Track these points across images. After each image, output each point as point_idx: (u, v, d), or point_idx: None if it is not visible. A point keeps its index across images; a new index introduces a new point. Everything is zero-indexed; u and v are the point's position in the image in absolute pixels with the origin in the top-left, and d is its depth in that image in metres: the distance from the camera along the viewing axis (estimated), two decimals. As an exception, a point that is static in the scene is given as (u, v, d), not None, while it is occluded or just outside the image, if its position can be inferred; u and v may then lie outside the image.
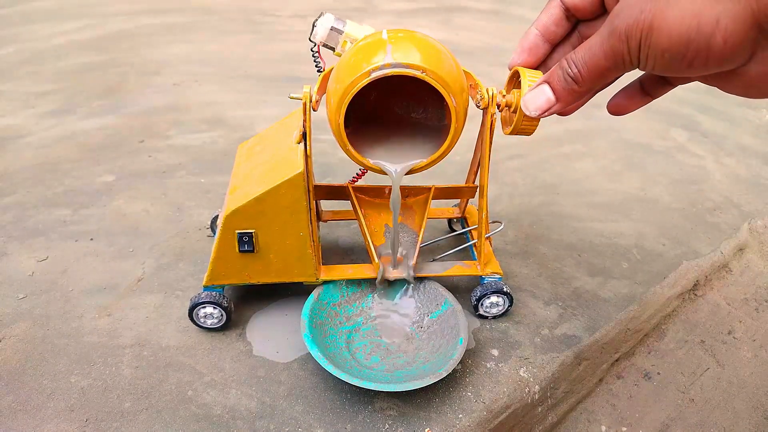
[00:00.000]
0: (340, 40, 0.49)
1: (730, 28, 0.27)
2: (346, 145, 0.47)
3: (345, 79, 0.44)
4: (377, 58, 0.43)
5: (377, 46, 0.44)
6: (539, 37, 0.42)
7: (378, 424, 0.46)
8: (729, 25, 0.27)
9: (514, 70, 0.46)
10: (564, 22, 0.40)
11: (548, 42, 0.42)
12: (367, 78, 0.43)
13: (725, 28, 0.27)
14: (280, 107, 1.05)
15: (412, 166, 0.50)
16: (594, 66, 0.33)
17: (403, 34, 0.45)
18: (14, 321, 0.55)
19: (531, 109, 0.39)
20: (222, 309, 0.52)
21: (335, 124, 0.46)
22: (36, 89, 1.11)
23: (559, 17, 0.40)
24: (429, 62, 0.43)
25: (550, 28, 0.41)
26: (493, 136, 0.50)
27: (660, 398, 0.60)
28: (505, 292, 0.55)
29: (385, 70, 0.42)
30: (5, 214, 0.71)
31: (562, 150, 0.96)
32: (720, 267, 0.74)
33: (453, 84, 0.44)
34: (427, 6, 1.83)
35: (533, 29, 0.42)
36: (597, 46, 0.33)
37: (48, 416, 0.46)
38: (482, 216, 0.54)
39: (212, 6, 1.72)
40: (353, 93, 0.44)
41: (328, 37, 0.49)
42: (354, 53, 0.45)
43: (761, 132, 1.10)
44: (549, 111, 0.38)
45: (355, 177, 0.59)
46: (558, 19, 0.40)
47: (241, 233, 0.49)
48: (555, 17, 0.40)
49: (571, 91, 0.36)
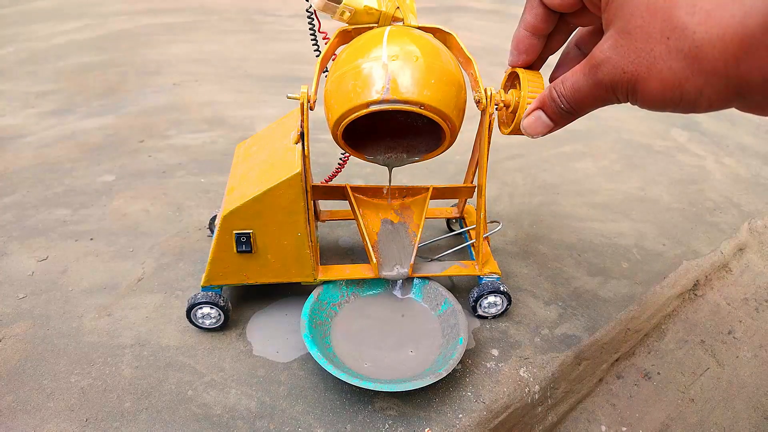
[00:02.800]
0: (337, 11, 0.48)
1: (714, 98, 0.28)
2: (344, 148, 0.50)
3: (343, 103, 0.45)
4: (376, 87, 0.44)
5: (377, 68, 0.44)
6: (530, 36, 0.42)
7: (378, 424, 0.46)
8: (713, 96, 0.28)
9: (511, 71, 0.46)
10: (549, 17, 0.40)
11: (540, 37, 0.42)
12: (366, 110, 0.44)
13: (708, 99, 0.28)
14: (280, 107, 1.05)
15: (408, 162, 0.52)
16: (581, 102, 0.35)
17: (402, 54, 0.44)
18: (14, 321, 0.55)
19: (532, 134, 0.40)
20: (219, 309, 0.52)
21: (334, 135, 0.48)
22: (36, 89, 1.11)
23: (543, 15, 0.40)
24: (428, 90, 0.44)
25: (537, 26, 0.41)
26: (492, 136, 0.50)
27: (660, 398, 0.60)
28: (503, 291, 0.55)
29: (383, 105, 0.44)
30: (5, 214, 0.71)
31: (563, 150, 0.96)
32: (720, 267, 0.74)
33: (450, 109, 0.46)
34: (427, 6, 1.83)
35: (522, 30, 0.42)
36: (584, 87, 0.34)
37: (48, 416, 0.46)
38: (480, 216, 0.54)
39: (212, 6, 1.72)
40: (350, 119, 0.45)
41: (325, 7, 0.49)
42: (353, 75, 0.45)
43: (761, 132, 1.10)
44: (550, 131, 0.40)
45: (333, 173, 0.60)
46: (543, 16, 0.40)
47: (239, 234, 0.49)
48: (539, 15, 0.40)
49: (564, 114, 0.37)
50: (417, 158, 0.52)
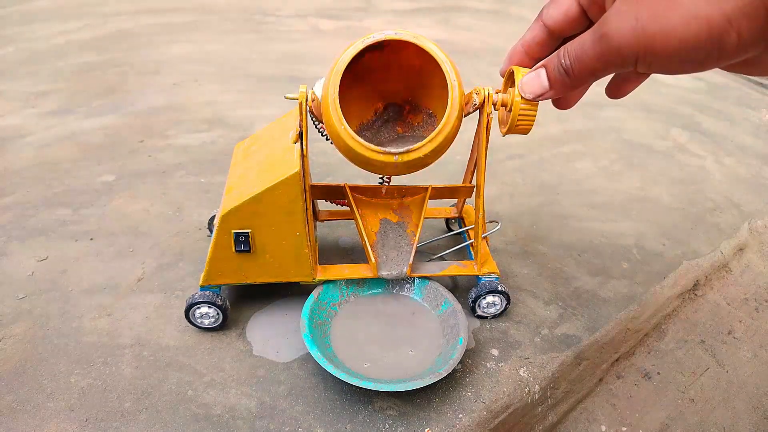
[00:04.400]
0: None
1: (745, 26, 0.26)
2: None
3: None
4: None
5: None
6: (524, 54, 0.41)
7: (378, 423, 0.46)
8: (743, 23, 0.26)
9: (510, 70, 0.46)
10: (548, 41, 0.39)
11: (532, 59, 0.41)
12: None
13: (739, 27, 0.26)
14: (279, 107, 1.05)
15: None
16: (584, 65, 0.33)
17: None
18: (14, 321, 0.55)
19: (526, 92, 0.39)
20: (218, 308, 0.52)
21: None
22: (36, 89, 1.11)
23: (542, 38, 0.39)
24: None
25: (533, 48, 0.40)
26: (492, 136, 0.50)
27: (660, 398, 0.60)
28: (501, 291, 0.55)
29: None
30: (5, 214, 0.71)
31: (563, 150, 0.96)
32: (720, 267, 0.74)
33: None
34: (427, 6, 1.83)
35: (519, 46, 0.41)
36: (589, 47, 0.32)
37: (48, 416, 0.46)
38: (479, 216, 0.54)
39: (212, 6, 1.72)
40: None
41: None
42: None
43: (761, 132, 1.10)
44: (542, 96, 0.38)
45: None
46: (541, 39, 0.39)
47: (238, 233, 0.49)
48: (538, 38, 0.39)
49: (563, 82, 0.35)
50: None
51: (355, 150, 0.46)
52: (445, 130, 0.46)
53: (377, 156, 0.46)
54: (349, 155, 0.47)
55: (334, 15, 1.68)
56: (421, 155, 0.46)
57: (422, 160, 0.47)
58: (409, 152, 0.46)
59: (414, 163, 0.47)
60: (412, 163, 0.47)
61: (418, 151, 0.46)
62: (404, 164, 0.47)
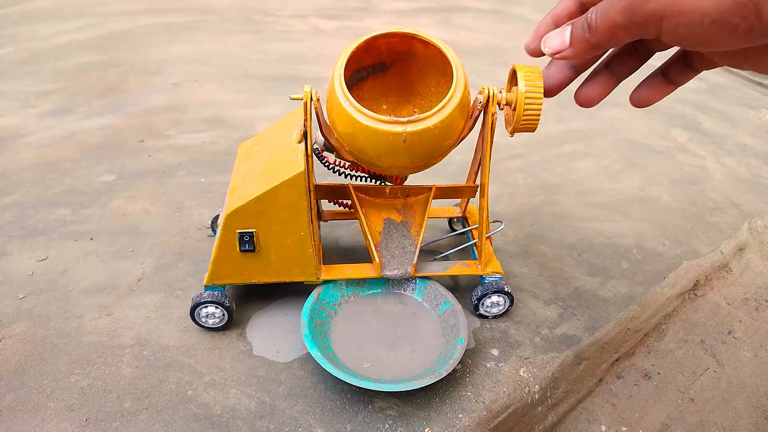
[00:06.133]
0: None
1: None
2: None
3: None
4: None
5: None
6: (552, 26, 0.40)
7: (378, 423, 0.46)
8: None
9: (512, 69, 0.46)
10: (579, 14, 0.38)
11: None
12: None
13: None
14: (280, 107, 1.05)
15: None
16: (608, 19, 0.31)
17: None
18: (14, 321, 0.55)
19: (546, 45, 0.37)
20: (224, 308, 0.52)
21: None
22: (36, 89, 1.11)
23: (572, 10, 0.38)
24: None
25: (563, 20, 0.39)
26: (494, 136, 0.50)
27: (660, 398, 0.60)
28: (506, 291, 0.55)
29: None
30: (5, 214, 0.71)
31: (563, 150, 0.96)
32: (720, 267, 0.74)
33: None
34: (428, 5, 1.83)
35: (547, 18, 0.40)
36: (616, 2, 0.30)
37: (48, 416, 0.46)
38: (483, 215, 0.54)
39: (212, 6, 1.72)
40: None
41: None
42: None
43: (761, 132, 1.10)
44: (560, 54, 0.37)
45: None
46: (571, 11, 0.38)
47: (242, 233, 0.49)
48: (568, 10, 0.38)
49: (584, 40, 0.34)
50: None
51: (363, 125, 0.45)
52: (453, 102, 0.45)
53: (386, 127, 0.44)
54: (357, 143, 0.47)
55: (334, 15, 1.68)
56: (430, 125, 0.45)
57: (431, 135, 0.45)
58: (418, 120, 0.44)
59: (423, 140, 0.45)
60: (420, 141, 0.46)
61: (426, 121, 0.45)
62: (412, 143, 0.45)
